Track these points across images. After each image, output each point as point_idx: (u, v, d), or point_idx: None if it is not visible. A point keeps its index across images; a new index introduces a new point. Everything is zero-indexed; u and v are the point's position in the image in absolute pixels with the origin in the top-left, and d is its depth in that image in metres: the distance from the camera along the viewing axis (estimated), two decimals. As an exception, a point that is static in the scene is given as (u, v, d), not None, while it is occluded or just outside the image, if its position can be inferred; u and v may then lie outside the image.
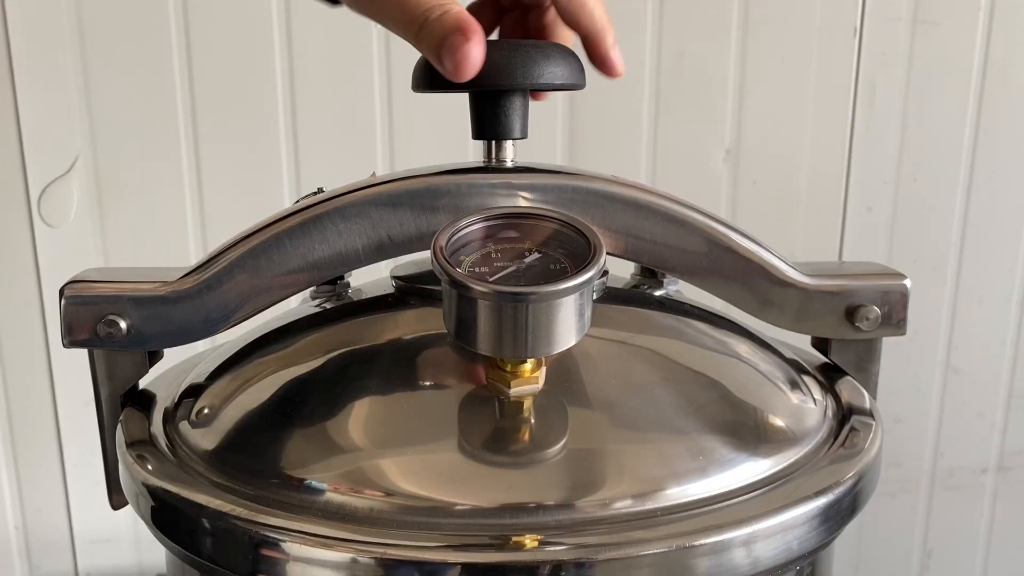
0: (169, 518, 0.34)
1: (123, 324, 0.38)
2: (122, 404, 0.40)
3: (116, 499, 0.41)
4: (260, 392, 0.37)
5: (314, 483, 0.32)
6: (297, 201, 0.39)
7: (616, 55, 0.40)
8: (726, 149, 0.82)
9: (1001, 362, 0.89)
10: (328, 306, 0.42)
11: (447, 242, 0.32)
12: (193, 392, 0.39)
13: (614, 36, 0.40)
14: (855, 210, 0.85)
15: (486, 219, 0.34)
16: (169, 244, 0.79)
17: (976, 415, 0.89)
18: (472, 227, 0.33)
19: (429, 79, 0.37)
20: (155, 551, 0.37)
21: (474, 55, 0.34)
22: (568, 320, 0.32)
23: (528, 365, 0.33)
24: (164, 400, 0.40)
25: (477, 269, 0.32)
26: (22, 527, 0.83)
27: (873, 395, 0.43)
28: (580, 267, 0.32)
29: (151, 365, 0.41)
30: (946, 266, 0.86)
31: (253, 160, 0.78)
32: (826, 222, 0.85)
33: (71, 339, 0.38)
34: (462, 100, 0.39)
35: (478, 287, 0.31)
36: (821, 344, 0.44)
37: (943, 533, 0.92)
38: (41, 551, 0.84)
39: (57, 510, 0.83)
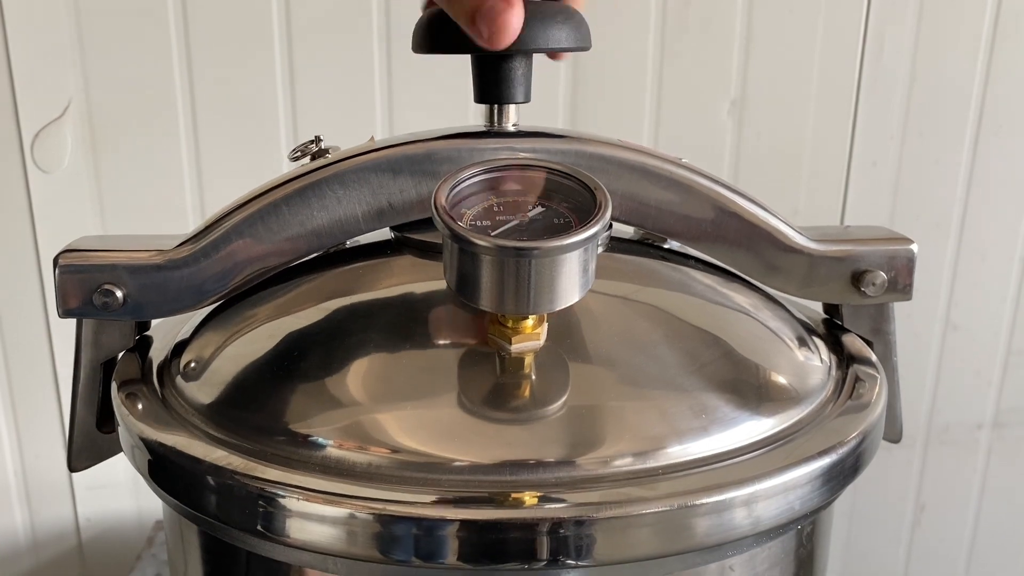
0: (165, 471, 0.34)
1: (119, 293, 0.37)
2: (103, 373, 0.40)
3: (76, 463, 0.40)
4: (257, 344, 0.36)
5: (312, 438, 0.32)
6: (294, 150, 0.38)
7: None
8: (731, 100, 0.81)
9: (1001, 320, 0.88)
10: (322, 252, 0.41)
11: (448, 194, 0.31)
12: (189, 342, 0.39)
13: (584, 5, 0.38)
14: (859, 164, 0.84)
15: (488, 171, 0.33)
16: (164, 189, 0.77)
17: (974, 372, 0.90)
18: (474, 179, 0.32)
19: (431, 40, 0.36)
20: (154, 497, 0.37)
21: (514, 23, 0.33)
22: (572, 276, 0.31)
23: (530, 321, 0.32)
24: (160, 350, 0.40)
25: (479, 223, 0.31)
26: (21, 473, 0.84)
27: (894, 355, 0.43)
28: (585, 222, 0.31)
29: (138, 334, 0.40)
30: (949, 222, 0.85)
31: (250, 104, 0.76)
32: (830, 176, 0.84)
33: (66, 309, 0.37)
34: (463, 61, 0.38)
35: (480, 241, 0.30)
36: (833, 310, 0.43)
37: (937, 488, 0.93)
38: (41, 497, 0.85)
39: (56, 457, 0.84)
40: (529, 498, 0.30)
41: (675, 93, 0.80)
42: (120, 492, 0.85)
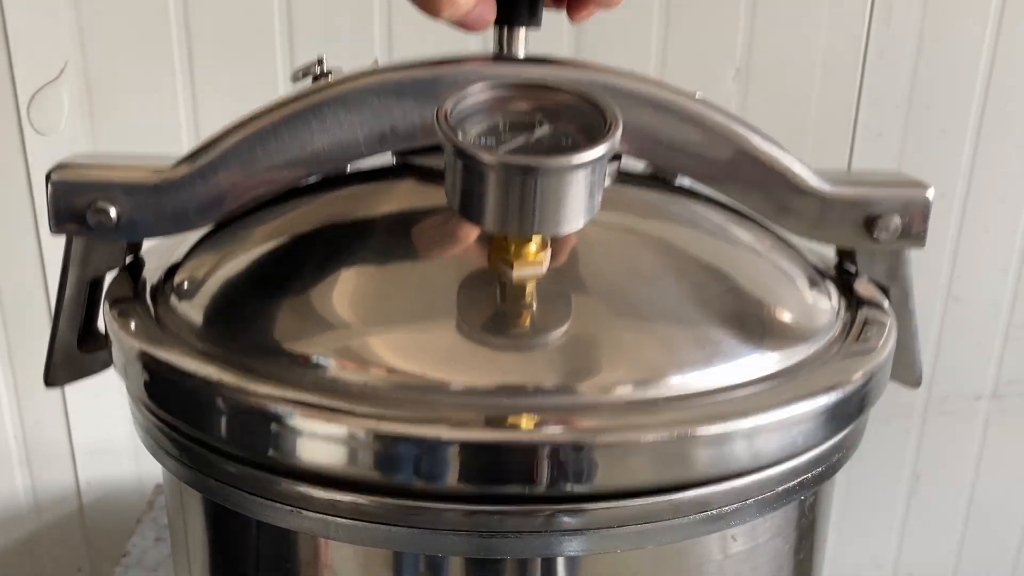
0: (157, 387, 0.33)
1: (113, 212, 0.36)
2: (89, 292, 0.39)
3: (53, 379, 0.40)
4: (251, 264, 0.36)
5: (308, 357, 0.31)
6: (295, 71, 0.38)
7: (589, 13, 0.37)
8: (736, 68, 0.80)
9: (1002, 291, 0.88)
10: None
11: (452, 109, 0.30)
12: (183, 262, 0.38)
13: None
14: (864, 135, 0.83)
15: (495, 87, 0.32)
16: (163, 152, 0.77)
17: (974, 344, 0.89)
18: (480, 95, 0.31)
19: None
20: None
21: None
22: (578, 198, 0.30)
23: (533, 246, 0.32)
24: (154, 271, 0.39)
25: (484, 140, 0.31)
26: (22, 438, 0.83)
27: (911, 299, 0.42)
28: (593, 142, 0.30)
29: (129, 255, 0.39)
30: (953, 193, 0.85)
31: (248, 62, 0.76)
32: (835, 146, 0.83)
33: (58, 225, 0.36)
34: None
35: (485, 157, 0.29)
36: (847, 255, 0.42)
37: (934, 458, 0.93)
38: (41, 462, 0.84)
39: (56, 421, 0.83)
40: (527, 422, 0.29)
41: (679, 59, 0.79)
42: (120, 456, 0.84)
